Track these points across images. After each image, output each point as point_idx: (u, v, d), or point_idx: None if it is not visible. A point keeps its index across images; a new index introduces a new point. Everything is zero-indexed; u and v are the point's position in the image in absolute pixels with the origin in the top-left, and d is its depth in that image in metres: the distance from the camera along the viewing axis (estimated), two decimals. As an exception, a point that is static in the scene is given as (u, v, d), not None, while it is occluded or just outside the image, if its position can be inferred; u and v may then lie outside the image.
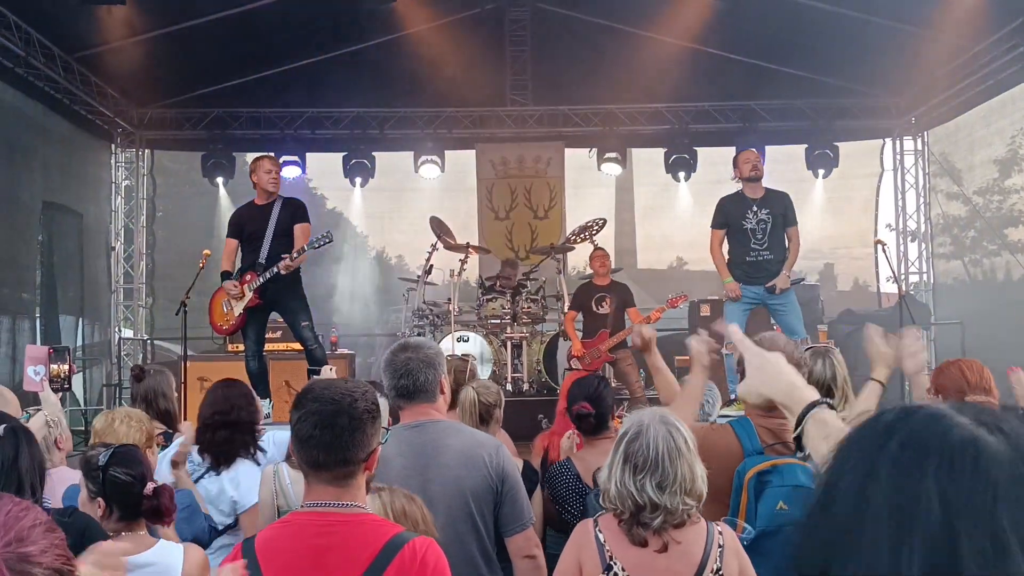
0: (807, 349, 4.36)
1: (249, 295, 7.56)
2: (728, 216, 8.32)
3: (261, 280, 7.47)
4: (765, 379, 1.99)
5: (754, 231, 8.14)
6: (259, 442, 4.57)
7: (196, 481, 4.35)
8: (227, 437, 4.42)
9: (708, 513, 3.23)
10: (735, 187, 8.69)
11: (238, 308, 7.64)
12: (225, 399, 4.55)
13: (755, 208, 8.15)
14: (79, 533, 2.74)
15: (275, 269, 7.36)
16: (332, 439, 2.39)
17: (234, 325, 7.76)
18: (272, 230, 7.55)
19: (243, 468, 4.41)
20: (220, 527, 4.29)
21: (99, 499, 3.12)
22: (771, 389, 1.97)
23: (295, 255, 7.34)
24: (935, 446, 1.02)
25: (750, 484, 3.19)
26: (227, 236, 7.87)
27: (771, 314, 8.38)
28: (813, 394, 1.90)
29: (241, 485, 4.36)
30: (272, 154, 8.24)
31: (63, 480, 3.73)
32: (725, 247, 8.41)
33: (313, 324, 7.75)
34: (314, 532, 2.36)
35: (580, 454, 4.45)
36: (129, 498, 3.10)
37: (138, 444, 3.74)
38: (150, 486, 3.11)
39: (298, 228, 7.59)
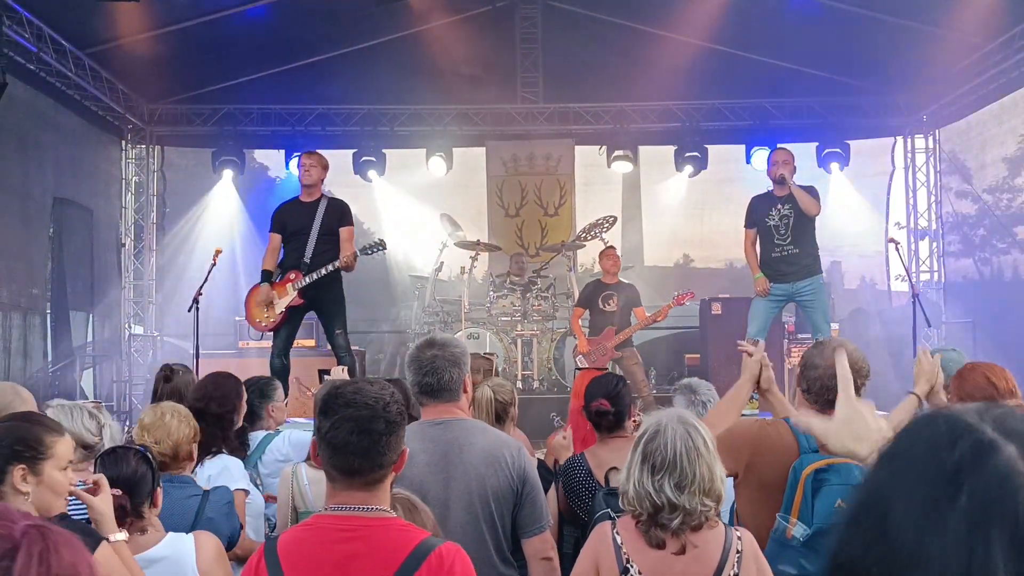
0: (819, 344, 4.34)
1: (292, 294, 7.56)
2: (755, 215, 8.36)
3: (307, 281, 7.47)
4: (855, 435, 1.90)
5: (777, 227, 8.16)
6: (233, 439, 4.54)
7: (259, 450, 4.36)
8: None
9: (763, 509, 3.22)
10: (739, 184, 8.68)
11: (280, 305, 7.63)
12: (202, 388, 4.58)
13: (779, 205, 8.17)
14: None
15: (331, 267, 7.36)
16: (370, 445, 2.35)
17: (276, 323, 7.72)
18: (317, 229, 7.51)
19: (220, 461, 4.34)
20: None
21: None
22: (862, 448, 1.87)
23: (352, 257, 7.32)
24: (1009, 513, 0.97)
25: (807, 481, 3.15)
26: (270, 231, 7.83)
27: (800, 309, 8.40)
28: None
29: (211, 479, 4.26)
30: (316, 151, 8.18)
31: None
32: (759, 246, 8.42)
33: (347, 332, 7.72)
34: (339, 537, 2.33)
35: (593, 450, 4.44)
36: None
37: (187, 439, 3.78)
38: (114, 491, 3.05)
39: (344, 231, 7.56)
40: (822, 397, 3.34)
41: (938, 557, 0.97)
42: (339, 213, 7.63)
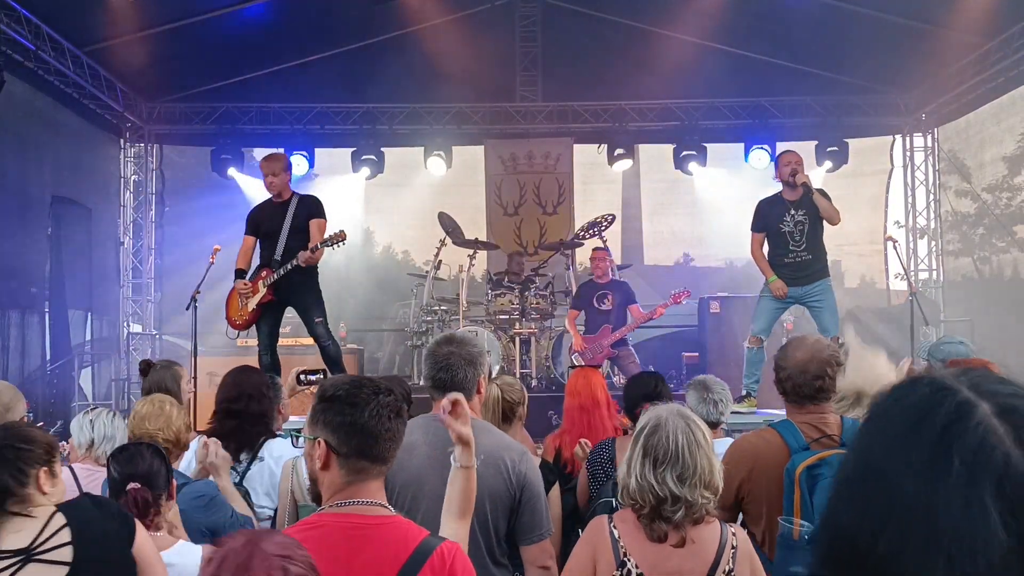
0: (840, 346, 4.34)
1: (263, 291, 7.61)
2: (766, 219, 8.14)
3: (276, 276, 7.51)
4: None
5: (792, 233, 7.96)
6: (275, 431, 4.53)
7: (244, 474, 4.31)
8: (234, 427, 4.35)
9: (767, 520, 3.23)
10: (742, 183, 8.56)
11: (252, 303, 7.69)
12: (235, 386, 4.52)
13: (792, 211, 7.96)
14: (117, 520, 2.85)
15: (293, 263, 7.38)
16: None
17: (247, 320, 7.80)
18: (288, 227, 7.58)
19: (276, 444, 4.36)
20: (263, 515, 4.27)
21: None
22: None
23: (312, 250, 7.35)
24: (992, 468, 1.01)
25: (801, 479, 3.20)
26: (245, 233, 7.89)
27: (808, 311, 8.30)
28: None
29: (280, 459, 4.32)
30: (276, 151, 8.16)
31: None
32: (766, 247, 8.21)
33: (327, 321, 7.76)
34: (341, 536, 2.33)
35: (623, 441, 4.39)
36: (119, 495, 3.09)
37: (186, 427, 3.86)
38: (130, 486, 3.07)
39: (313, 224, 7.61)
40: (797, 394, 3.45)
41: (947, 524, 1.01)
42: (309, 208, 7.69)
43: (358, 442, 2.37)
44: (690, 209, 14.64)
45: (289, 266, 7.44)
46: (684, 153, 13.31)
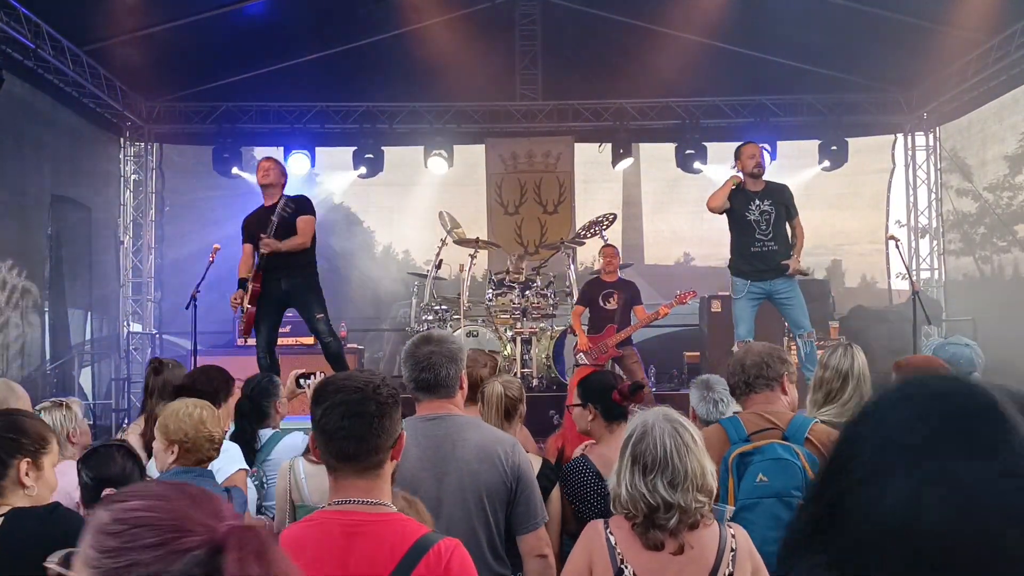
0: (831, 345, 4.35)
1: (251, 287, 7.68)
2: (732, 202, 8.21)
3: (257, 268, 7.63)
4: None
5: (758, 222, 8.03)
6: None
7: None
8: None
9: None
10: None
11: (247, 303, 7.73)
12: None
13: (757, 200, 8.06)
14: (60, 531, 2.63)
15: (264, 251, 7.54)
16: (363, 427, 2.35)
17: (247, 324, 7.82)
18: (274, 229, 7.63)
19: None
20: None
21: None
22: None
23: (268, 236, 7.53)
24: None
25: (733, 464, 3.31)
26: (242, 242, 7.95)
27: (777, 308, 8.30)
28: None
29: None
30: (270, 156, 8.33)
31: (64, 474, 3.68)
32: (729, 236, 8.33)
33: (328, 317, 7.79)
34: (340, 532, 2.32)
35: (597, 449, 4.29)
36: (95, 501, 2.98)
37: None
38: (106, 491, 2.96)
39: (300, 220, 7.70)
40: (741, 385, 3.70)
41: None
42: (296, 207, 7.77)
43: (320, 440, 2.40)
44: (691, 208, 14.58)
45: (258, 256, 7.60)
46: (686, 152, 13.29)
